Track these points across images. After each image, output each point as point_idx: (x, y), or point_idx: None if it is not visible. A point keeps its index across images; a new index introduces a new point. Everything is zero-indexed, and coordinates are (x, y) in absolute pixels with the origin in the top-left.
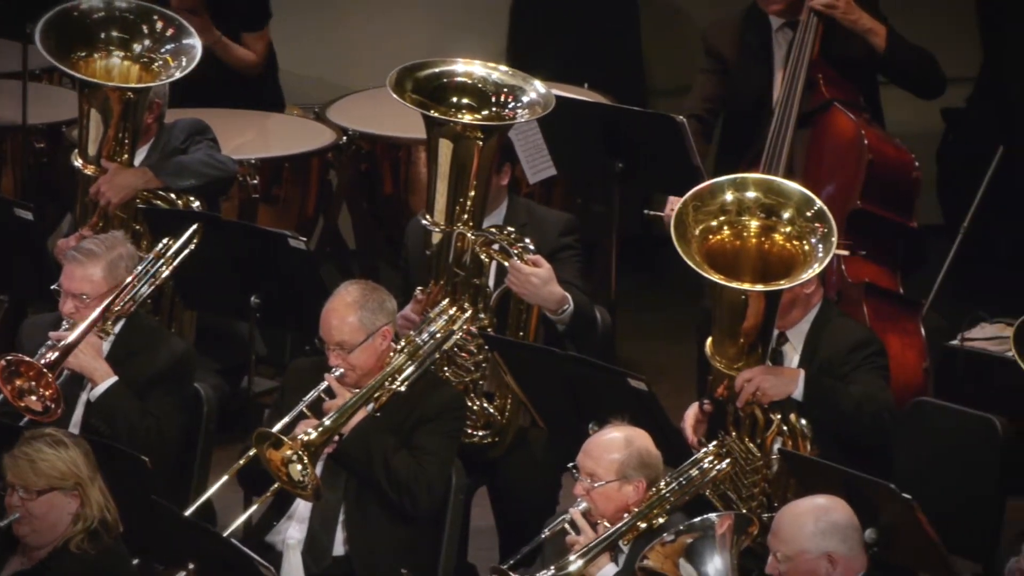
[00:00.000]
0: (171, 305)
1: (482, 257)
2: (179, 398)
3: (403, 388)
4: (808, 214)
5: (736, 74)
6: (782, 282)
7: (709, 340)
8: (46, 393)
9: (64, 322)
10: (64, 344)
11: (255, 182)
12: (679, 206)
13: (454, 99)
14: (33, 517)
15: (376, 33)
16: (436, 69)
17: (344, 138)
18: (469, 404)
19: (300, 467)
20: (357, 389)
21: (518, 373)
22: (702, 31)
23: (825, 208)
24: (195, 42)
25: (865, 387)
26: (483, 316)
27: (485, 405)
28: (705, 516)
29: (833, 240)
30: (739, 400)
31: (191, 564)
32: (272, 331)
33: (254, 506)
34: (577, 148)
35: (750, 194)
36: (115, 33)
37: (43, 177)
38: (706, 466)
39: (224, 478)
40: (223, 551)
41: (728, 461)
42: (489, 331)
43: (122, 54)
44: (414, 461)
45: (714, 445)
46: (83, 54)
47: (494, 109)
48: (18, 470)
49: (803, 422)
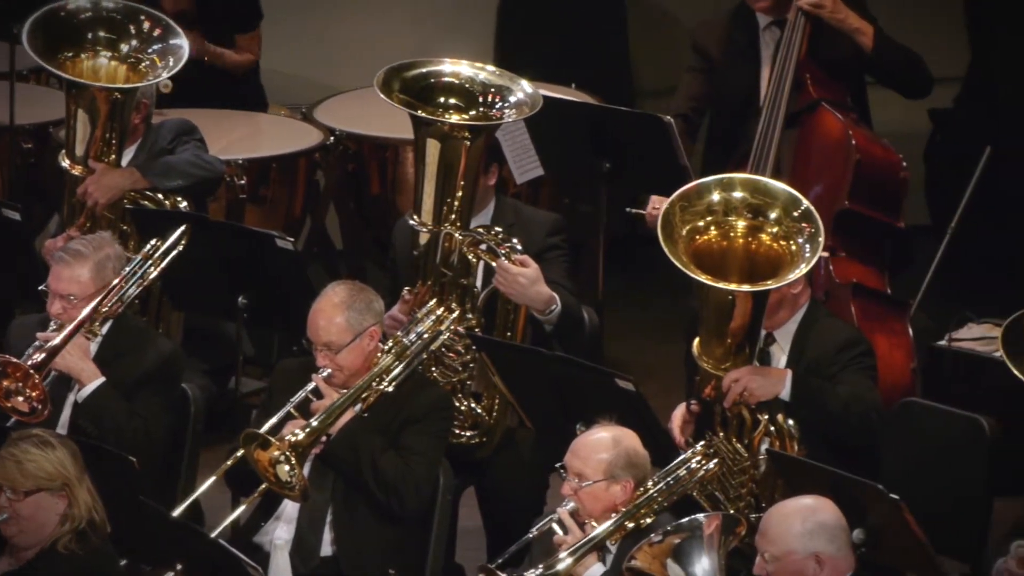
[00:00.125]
0: (159, 306)
1: (469, 257)
2: (167, 399)
3: (391, 388)
4: (795, 214)
5: (723, 72)
6: (769, 282)
7: (696, 340)
8: (33, 394)
9: (52, 323)
10: (51, 345)
11: (242, 182)
12: (666, 206)
13: (441, 99)
14: (20, 518)
15: (363, 33)
16: (423, 69)
17: (331, 138)
18: (457, 404)
19: (288, 468)
20: (345, 390)
21: (506, 373)
22: (691, 30)
23: (812, 208)
24: (182, 42)
25: (853, 387)
26: (471, 316)
27: (473, 405)
28: (693, 516)
29: (820, 240)
30: (726, 400)
31: (179, 565)
32: (260, 332)
33: (242, 507)
34: (564, 148)
35: (737, 194)
36: (102, 33)
37: (30, 177)
38: (694, 466)
39: (212, 479)
40: (211, 552)
41: (716, 461)
42: (477, 331)
43: (109, 54)
44: (402, 461)
45: (702, 445)
46: (70, 54)
47: (481, 109)
48: (5, 471)
49: (790, 422)
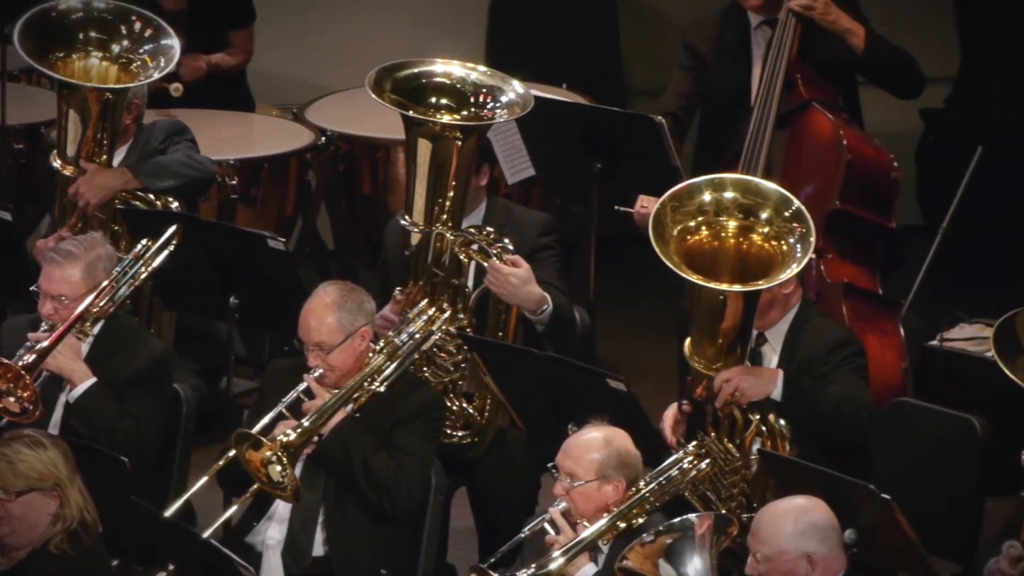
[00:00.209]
0: (150, 306)
1: (461, 257)
2: (158, 399)
3: (382, 389)
4: (786, 214)
5: (714, 71)
6: (760, 282)
7: (688, 340)
8: (24, 395)
9: (43, 323)
10: (42, 346)
11: (234, 183)
12: (657, 206)
13: (433, 99)
14: (12, 518)
15: (355, 34)
16: (415, 69)
17: (323, 138)
18: (448, 404)
19: (279, 468)
20: (336, 390)
21: (497, 373)
22: (682, 29)
23: (803, 208)
24: (173, 43)
25: (844, 387)
26: (462, 316)
27: (464, 405)
28: (685, 516)
29: (811, 240)
30: (718, 400)
31: (171, 565)
32: (251, 332)
33: (233, 507)
34: (556, 148)
35: (728, 194)
36: (93, 34)
37: (22, 178)
38: (686, 466)
39: (203, 479)
40: (203, 552)
41: (708, 462)
42: (468, 331)
43: (100, 55)
44: (393, 462)
45: (693, 446)
46: (61, 55)
47: (473, 109)
48: None
49: (782, 422)
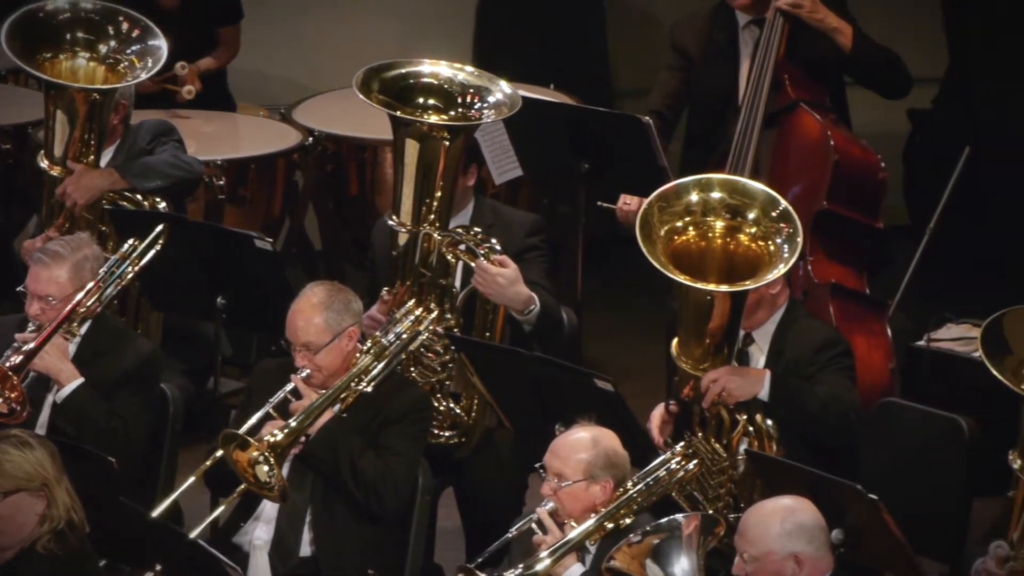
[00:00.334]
0: (137, 306)
1: (448, 257)
2: (146, 399)
3: (370, 389)
4: (773, 214)
5: (702, 71)
6: (748, 282)
7: (675, 341)
8: (11, 396)
9: (30, 324)
10: (29, 347)
11: (221, 183)
12: (644, 207)
13: (420, 100)
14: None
15: (342, 34)
16: (402, 70)
17: (310, 139)
18: (435, 404)
19: (267, 468)
20: (323, 390)
21: (484, 374)
22: (670, 29)
23: (790, 208)
24: (160, 43)
25: (831, 388)
26: (449, 316)
27: (451, 405)
28: (672, 517)
29: (798, 240)
30: (705, 401)
31: (158, 565)
32: (238, 332)
33: (221, 507)
34: (543, 149)
35: (715, 195)
36: (81, 34)
37: (9, 178)
38: (674, 467)
39: (191, 479)
40: (190, 552)
41: (695, 462)
42: (455, 331)
43: (88, 55)
44: (381, 462)
45: (681, 446)
46: (49, 55)
47: (460, 110)
48: None
49: (769, 423)
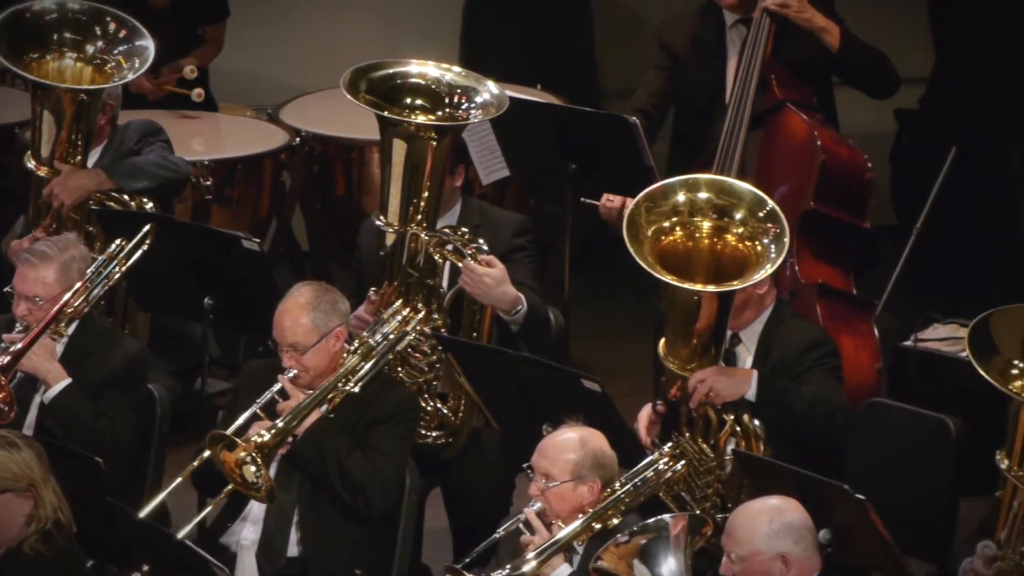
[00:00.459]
0: (124, 306)
1: (436, 258)
2: (133, 399)
3: (357, 389)
4: (760, 215)
5: (689, 70)
6: (735, 283)
7: (662, 341)
8: None
9: (17, 324)
10: (17, 347)
11: (208, 183)
12: (632, 207)
13: (408, 100)
14: None
15: (329, 34)
16: (390, 70)
17: (297, 139)
18: (423, 405)
19: (254, 469)
20: (311, 390)
21: (471, 374)
22: (657, 26)
23: (777, 208)
24: (148, 43)
25: (818, 388)
26: (436, 317)
27: (439, 406)
28: (659, 517)
29: (785, 241)
30: (692, 401)
31: (145, 566)
32: (225, 332)
33: (208, 508)
34: (530, 149)
35: (702, 195)
36: (68, 35)
37: None
38: (661, 467)
39: (178, 480)
40: (177, 552)
41: (683, 463)
42: (442, 332)
43: (75, 55)
44: (368, 462)
45: (669, 447)
46: (36, 56)
47: (448, 110)
48: None
49: (756, 423)
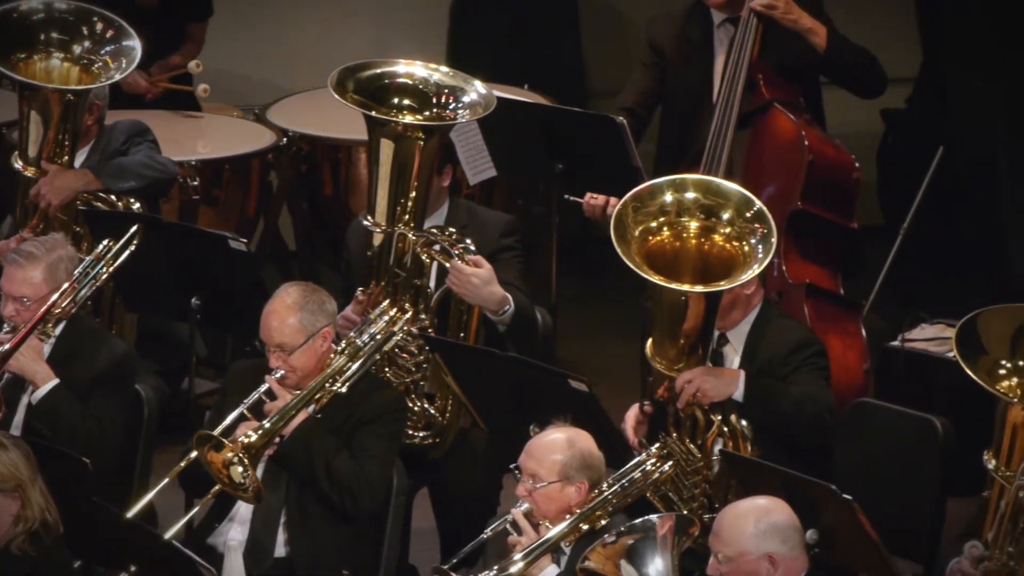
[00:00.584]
0: (111, 307)
1: (423, 258)
2: (120, 400)
3: (344, 389)
4: (748, 215)
5: (676, 69)
6: (722, 283)
7: (649, 341)
8: None
9: (5, 325)
10: (4, 348)
11: (195, 183)
12: (619, 207)
13: (395, 100)
14: None
15: (316, 34)
16: (377, 70)
17: (284, 139)
18: (410, 405)
19: (241, 469)
20: (298, 391)
21: (459, 374)
22: (645, 23)
23: (765, 208)
24: (135, 43)
25: (806, 388)
26: (424, 317)
27: (426, 406)
28: (646, 517)
29: (773, 241)
30: (680, 401)
31: (132, 566)
32: (213, 333)
33: (195, 508)
34: (517, 149)
35: (690, 195)
36: (55, 35)
37: None
38: (649, 468)
39: (165, 480)
40: (164, 553)
41: (671, 463)
42: (430, 332)
43: (62, 56)
44: (355, 462)
45: (656, 447)
46: (23, 56)
47: (435, 110)
48: None
49: (743, 423)
